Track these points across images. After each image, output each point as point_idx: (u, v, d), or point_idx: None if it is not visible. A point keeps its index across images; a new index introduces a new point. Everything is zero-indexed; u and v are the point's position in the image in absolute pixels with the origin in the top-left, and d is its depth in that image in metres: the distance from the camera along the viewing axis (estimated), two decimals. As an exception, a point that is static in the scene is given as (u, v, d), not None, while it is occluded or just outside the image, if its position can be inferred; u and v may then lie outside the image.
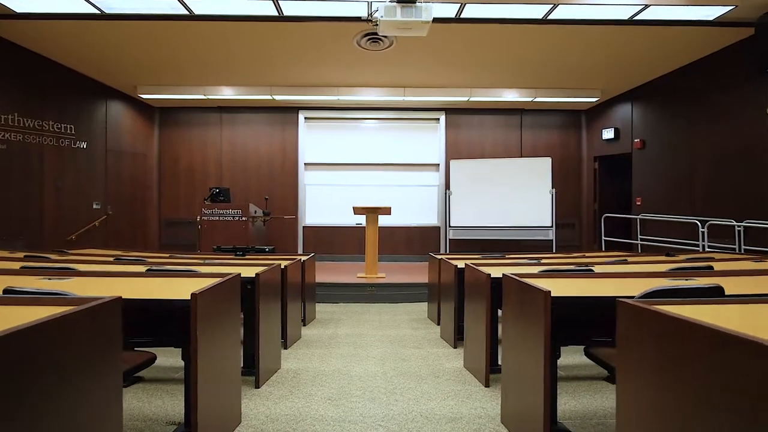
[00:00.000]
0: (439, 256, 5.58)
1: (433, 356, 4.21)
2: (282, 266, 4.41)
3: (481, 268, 3.58)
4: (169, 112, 10.18)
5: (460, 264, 4.58)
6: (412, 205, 10.26)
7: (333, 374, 3.69)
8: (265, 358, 3.45)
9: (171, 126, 10.24)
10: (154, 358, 2.25)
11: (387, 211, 7.73)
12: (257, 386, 3.35)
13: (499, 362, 3.82)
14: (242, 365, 3.66)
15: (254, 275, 3.34)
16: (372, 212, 7.74)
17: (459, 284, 4.52)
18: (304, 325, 5.42)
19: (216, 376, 2.37)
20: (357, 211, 7.78)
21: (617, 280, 2.86)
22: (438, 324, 5.43)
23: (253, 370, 3.39)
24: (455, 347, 4.47)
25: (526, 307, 2.40)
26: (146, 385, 3.39)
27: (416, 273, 8.06)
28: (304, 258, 5.68)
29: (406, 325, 5.51)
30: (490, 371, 3.44)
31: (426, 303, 6.44)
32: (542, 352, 2.19)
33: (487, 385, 3.40)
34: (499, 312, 3.69)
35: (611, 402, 3.10)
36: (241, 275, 3.35)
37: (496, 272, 3.45)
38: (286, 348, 4.40)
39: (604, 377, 3.56)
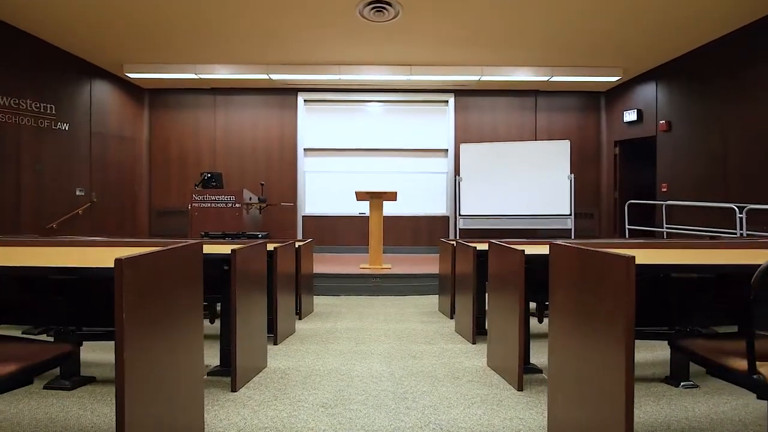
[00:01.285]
0: (452, 241, 4.93)
1: (448, 353, 3.56)
2: (269, 247, 3.78)
3: (511, 246, 2.92)
4: (160, 94, 9.54)
5: (480, 246, 3.93)
6: (418, 193, 9.58)
7: (329, 374, 3.03)
8: (244, 354, 2.79)
9: (161, 109, 9.60)
10: (69, 352, 1.60)
11: (392, 196, 7.07)
12: (233, 389, 2.69)
13: (532, 361, 3.19)
14: (219, 364, 3.03)
15: (230, 251, 2.69)
16: (376, 197, 7.09)
17: (478, 270, 3.89)
18: (300, 318, 4.78)
19: (163, 377, 1.73)
20: (360, 196, 7.13)
21: (706, 251, 2.19)
22: (451, 318, 4.78)
23: (230, 370, 2.74)
24: (474, 343, 3.81)
25: (591, 286, 1.74)
26: (97, 387, 2.74)
27: (424, 265, 7.40)
28: (299, 243, 5.04)
29: (414, 318, 4.86)
30: (523, 371, 2.77)
31: (437, 296, 5.78)
32: (622, 345, 1.53)
33: (520, 389, 2.73)
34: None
35: (681, 411, 2.43)
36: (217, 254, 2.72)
37: (530, 250, 2.80)
38: (276, 344, 3.76)
39: (662, 378, 2.90)
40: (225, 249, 2.87)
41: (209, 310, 4.11)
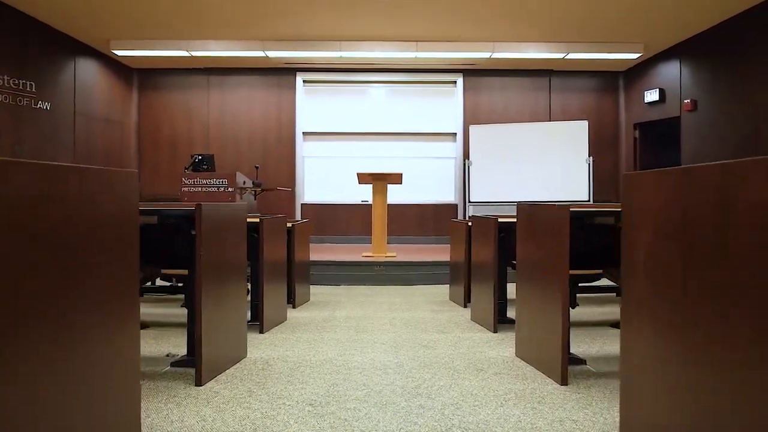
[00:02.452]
0: (467, 221, 4.36)
1: (466, 342, 2.98)
2: (254, 220, 3.22)
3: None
4: (150, 74, 8.99)
5: (501, 219, 3.36)
6: (425, 180, 8.99)
7: (322, 366, 2.46)
8: (214, 340, 2.23)
9: (152, 90, 9.04)
10: None
11: (397, 178, 6.50)
12: (198, 383, 2.12)
13: (571, 350, 2.61)
14: (186, 353, 2.47)
15: (194, 207, 2.13)
16: (379, 180, 6.52)
17: (500, 248, 3.30)
18: (293, 307, 4.20)
19: (61, 361, 1.16)
20: (362, 178, 6.56)
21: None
22: (465, 306, 4.21)
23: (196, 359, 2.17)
24: (495, 332, 3.23)
25: (709, 230, 1.16)
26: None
27: (431, 254, 6.83)
28: (292, 221, 4.47)
29: (423, 307, 4.28)
30: (568, 362, 2.19)
31: (447, 285, 5.20)
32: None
33: (564, 383, 2.15)
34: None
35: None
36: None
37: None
38: (261, 332, 3.19)
39: None
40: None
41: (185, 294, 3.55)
